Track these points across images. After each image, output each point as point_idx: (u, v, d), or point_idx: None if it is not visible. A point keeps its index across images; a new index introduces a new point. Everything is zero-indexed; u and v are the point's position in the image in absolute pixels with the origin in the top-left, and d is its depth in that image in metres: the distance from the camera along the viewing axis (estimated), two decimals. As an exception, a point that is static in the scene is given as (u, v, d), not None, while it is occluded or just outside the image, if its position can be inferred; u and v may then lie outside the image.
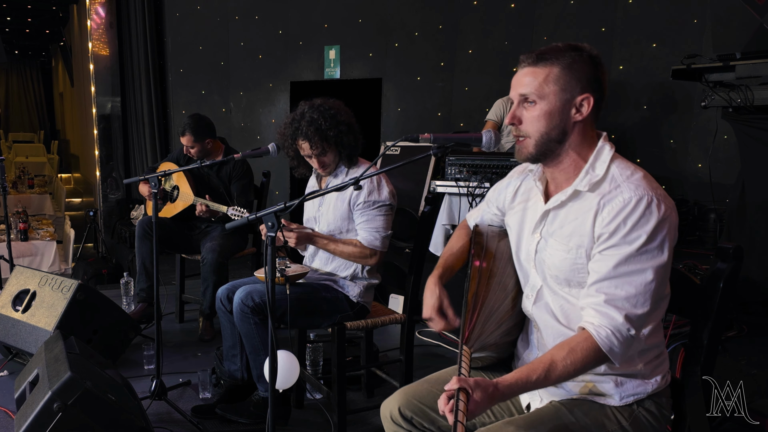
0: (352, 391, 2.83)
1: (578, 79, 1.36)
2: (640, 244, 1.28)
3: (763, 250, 3.14)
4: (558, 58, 1.36)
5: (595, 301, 1.32)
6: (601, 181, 1.36)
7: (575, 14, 5.08)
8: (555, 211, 1.43)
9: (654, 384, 1.42)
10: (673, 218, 1.31)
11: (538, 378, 1.27)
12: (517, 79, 1.41)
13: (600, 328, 1.29)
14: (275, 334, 1.67)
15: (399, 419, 1.57)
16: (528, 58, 1.39)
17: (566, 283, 1.42)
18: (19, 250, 4.57)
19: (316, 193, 1.81)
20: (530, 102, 1.38)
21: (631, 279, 1.29)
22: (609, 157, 1.38)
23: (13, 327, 2.90)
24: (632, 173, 1.35)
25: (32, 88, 19.50)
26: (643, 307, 1.29)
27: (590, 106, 1.37)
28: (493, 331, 1.48)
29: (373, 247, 2.30)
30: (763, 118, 3.07)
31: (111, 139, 6.76)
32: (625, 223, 1.29)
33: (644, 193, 1.30)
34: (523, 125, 1.40)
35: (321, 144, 2.32)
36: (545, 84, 1.36)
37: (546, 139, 1.38)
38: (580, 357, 1.28)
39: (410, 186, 4.16)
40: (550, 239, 1.43)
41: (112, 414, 1.99)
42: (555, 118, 1.37)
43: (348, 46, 5.89)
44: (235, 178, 3.55)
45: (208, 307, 3.42)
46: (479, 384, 1.23)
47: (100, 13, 6.53)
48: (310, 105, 2.35)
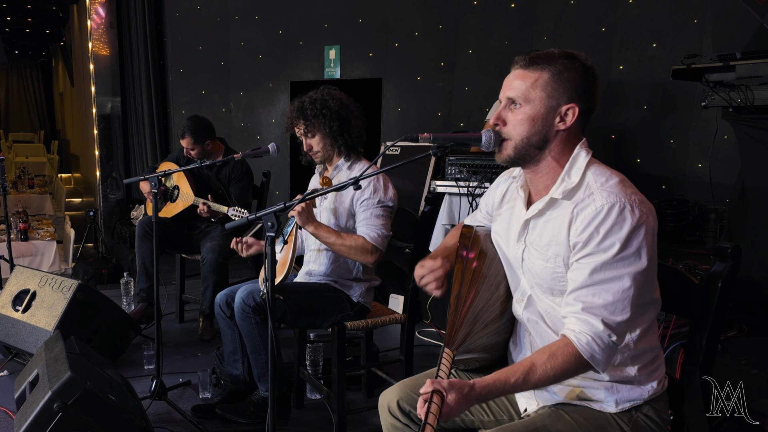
0: (352, 391, 2.83)
1: (566, 87, 1.35)
2: (615, 251, 1.27)
3: (763, 250, 3.14)
4: (549, 64, 1.36)
5: (573, 309, 1.31)
6: (576, 189, 1.36)
7: (575, 14, 5.08)
8: (535, 219, 1.43)
9: (650, 390, 1.41)
10: (650, 222, 1.30)
11: (517, 381, 1.27)
12: (507, 81, 1.41)
13: (580, 334, 1.29)
14: (276, 334, 1.67)
15: (397, 411, 1.57)
16: (521, 61, 1.39)
17: (550, 291, 1.42)
18: (19, 250, 4.58)
19: (315, 192, 1.81)
20: (516, 105, 1.38)
21: (608, 286, 1.29)
22: (584, 164, 1.37)
23: (13, 327, 2.90)
24: (607, 179, 1.34)
25: (32, 88, 19.51)
26: (622, 314, 1.28)
27: (575, 116, 1.36)
28: (479, 333, 1.47)
29: (375, 243, 2.28)
30: (763, 118, 3.07)
31: (111, 139, 6.76)
32: (598, 231, 1.29)
33: (616, 200, 1.29)
34: (507, 127, 1.40)
35: (305, 123, 2.35)
36: (532, 89, 1.36)
37: (526, 144, 1.38)
38: (561, 362, 1.28)
39: (410, 186, 4.16)
40: (532, 248, 1.43)
41: (112, 414, 1.99)
42: (537, 123, 1.36)
43: (348, 46, 5.89)
44: (234, 180, 3.54)
45: (208, 307, 3.42)
46: (453, 385, 1.23)
47: (100, 13, 6.54)
48: (314, 91, 2.40)
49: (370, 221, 2.30)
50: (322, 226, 2.28)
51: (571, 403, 1.44)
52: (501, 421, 1.58)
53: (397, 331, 3.05)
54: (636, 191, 1.33)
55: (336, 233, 2.28)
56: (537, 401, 1.50)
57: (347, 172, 2.41)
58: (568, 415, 1.41)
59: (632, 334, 1.37)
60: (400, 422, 1.57)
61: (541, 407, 1.49)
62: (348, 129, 2.36)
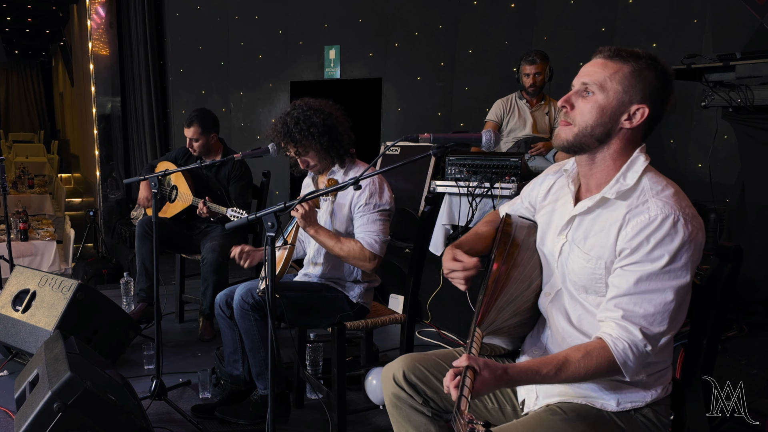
0: (352, 391, 2.83)
1: (643, 87, 1.34)
2: (663, 263, 1.27)
3: (763, 250, 3.14)
4: (633, 60, 1.35)
5: (612, 315, 1.31)
6: (630, 192, 1.35)
7: (575, 14, 5.08)
8: (581, 216, 1.42)
9: (654, 393, 1.41)
10: (700, 239, 1.29)
11: (548, 372, 1.27)
12: (585, 68, 1.39)
13: (618, 340, 1.29)
14: (275, 334, 1.67)
15: (402, 382, 1.56)
16: (605, 51, 1.38)
17: (584, 289, 1.41)
18: (19, 250, 4.57)
19: (316, 192, 1.81)
20: (589, 92, 1.36)
21: (651, 297, 1.28)
22: (642, 168, 1.36)
23: (13, 327, 2.90)
24: (663, 189, 1.33)
25: (32, 88, 19.50)
26: (660, 326, 1.29)
27: (643, 117, 1.35)
28: (508, 320, 1.48)
29: (373, 250, 2.28)
30: (763, 118, 3.06)
31: (111, 139, 6.76)
32: (648, 241, 1.28)
33: (671, 212, 1.28)
34: (573, 112, 1.38)
35: (295, 146, 2.33)
36: (610, 79, 1.35)
37: (588, 133, 1.36)
38: (594, 363, 1.28)
39: (410, 186, 4.16)
40: (573, 245, 1.42)
41: (112, 414, 1.99)
42: (605, 115, 1.35)
43: (348, 46, 5.88)
44: (233, 179, 3.54)
45: (208, 307, 3.42)
46: (488, 364, 1.23)
47: (100, 13, 6.54)
48: (292, 106, 2.36)
49: (367, 227, 2.30)
50: (322, 230, 2.28)
51: (570, 401, 1.44)
52: (504, 409, 1.59)
53: (397, 331, 3.05)
54: (690, 205, 1.32)
55: (336, 238, 2.29)
56: (536, 393, 1.50)
57: (343, 177, 2.41)
58: (565, 414, 1.41)
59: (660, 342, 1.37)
60: (405, 392, 1.56)
61: (538, 404, 1.49)
62: (338, 138, 2.35)
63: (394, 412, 1.60)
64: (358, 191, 2.20)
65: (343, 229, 2.38)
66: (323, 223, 2.40)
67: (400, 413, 1.59)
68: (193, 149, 3.53)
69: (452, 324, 3.61)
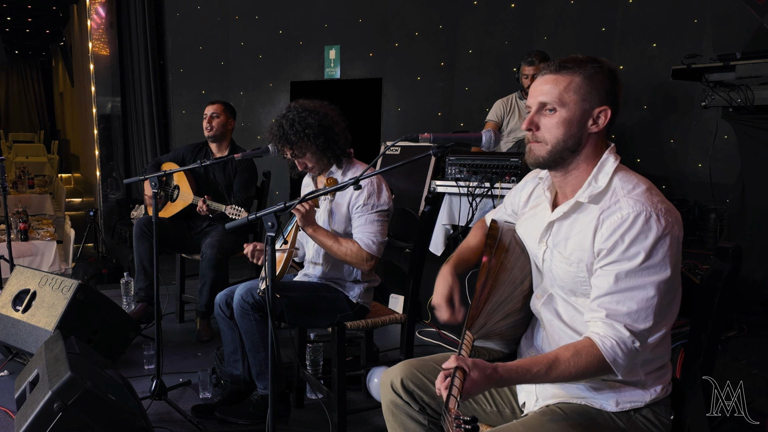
0: (352, 391, 2.83)
1: (598, 90, 1.37)
2: (641, 260, 1.28)
3: (763, 250, 3.14)
4: (579, 68, 1.37)
5: (597, 315, 1.33)
6: (602, 194, 1.37)
7: (575, 14, 5.08)
8: (559, 222, 1.44)
9: (653, 393, 1.41)
10: (676, 232, 1.30)
11: (539, 371, 1.28)
12: (536, 87, 1.41)
13: (605, 338, 1.30)
14: (275, 334, 1.67)
15: (400, 389, 1.57)
16: (550, 66, 1.40)
17: (572, 292, 1.43)
18: (19, 250, 4.57)
19: (316, 192, 1.81)
20: (550, 110, 1.39)
21: (633, 294, 1.29)
22: (612, 169, 1.38)
23: (14, 327, 2.90)
24: (634, 187, 1.34)
25: (32, 88, 19.51)
26: (645, 322, 1.30)
27: (607, 119, 1.38)
28: (499, 322, 1.50)
29: (370, 251, 2.29)
30: (763, 118, 3.07)
31: (111, 139, 6.76)
32: (623, 239, 1.30)
33: (642, 209, 1.29)
34: (540, 131, 1.40)
35: (291, 148, 2.33)
36: (566, 92, 1.37)
37: (561, 147, 1.39)
38: (584, 361, 1.29)
39: (410, 186, 4.16)
40: (555, 251, 1.44)
41: (112, 414, 1.99)
42: (573, 127, 1.38)
43: (348, 46, 5.89)
44: (238, 173, 3.57)
45: (204, 305, 3.40)
46: (477, 364, 1.24)
47: (100, 13, 6.54)
48: (287, 108, 2.36)
49: (365, 228, 2.30)
50: (320, 230, 2.29)
51: (569, 402, 1.44)
52: (502, 412, 1.59)
53: (397, 331, 3.06)
54: (663, 200, 1.33)
55: (334, 238, 2.29)
56: (536, 396, 1.50)
57: (341, 178, 2.41)
58: (565, 414, 1.41)
59: (652, 338, 1.38)
60: (402, 399, 1.58)
61: (538, 405, 1.49)
62: (334, 138, 2.34)
63: (390, 419, 1.62)
64: (356, 191, 2.20)
65: (341, 229, 2.37)
66: (321, 223, 2.40)
67: (396, 420, 1.60)
68: (210, 127, 3.58)
69: (452, 324, 3.61)
